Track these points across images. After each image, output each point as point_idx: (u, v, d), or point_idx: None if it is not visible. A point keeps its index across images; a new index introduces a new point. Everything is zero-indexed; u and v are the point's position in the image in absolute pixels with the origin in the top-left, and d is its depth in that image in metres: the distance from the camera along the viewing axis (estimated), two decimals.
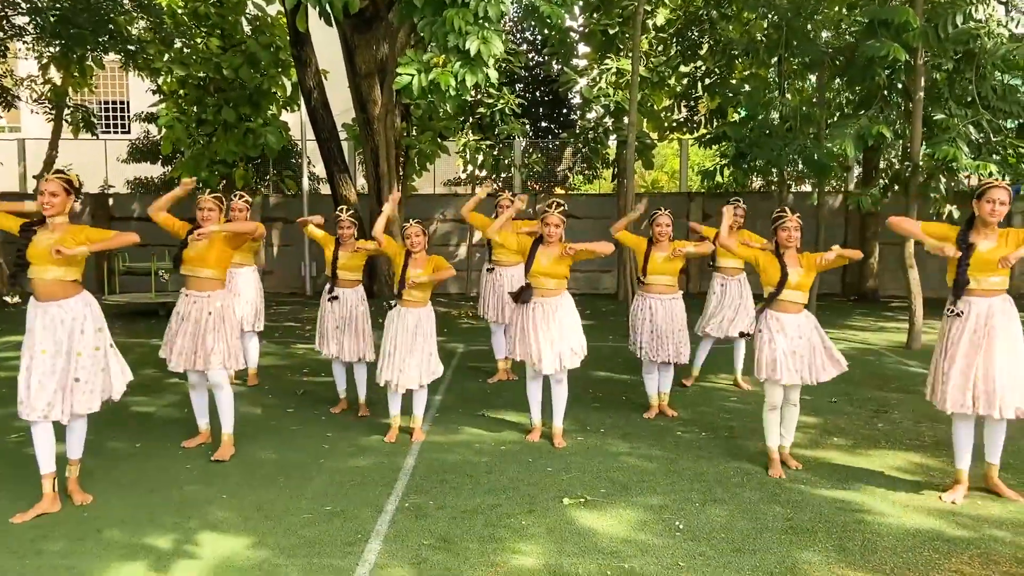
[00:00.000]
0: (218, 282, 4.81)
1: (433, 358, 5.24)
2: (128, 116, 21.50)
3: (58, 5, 9.93)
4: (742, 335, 6.51)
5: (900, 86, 9.60)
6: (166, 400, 6.42)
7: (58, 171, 4.22)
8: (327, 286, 5.92)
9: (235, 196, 6.48)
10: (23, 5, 10.13)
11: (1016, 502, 4.18)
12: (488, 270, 7.11)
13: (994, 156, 8.97)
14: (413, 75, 7.45)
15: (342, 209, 5.96)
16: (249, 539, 3.69)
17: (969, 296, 4.17)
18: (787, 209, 4.71)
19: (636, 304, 5.85)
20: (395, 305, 5.20)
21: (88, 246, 4.00)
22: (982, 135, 8.90)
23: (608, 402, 6.39)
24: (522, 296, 5.13)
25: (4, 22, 11.40)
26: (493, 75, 7.52)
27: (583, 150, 14.51)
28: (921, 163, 8.90)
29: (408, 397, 5.38)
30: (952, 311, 4.18)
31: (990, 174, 8.09)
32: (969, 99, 9.12)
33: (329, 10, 7.68)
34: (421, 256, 5.23)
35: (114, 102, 22.66)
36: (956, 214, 8.94)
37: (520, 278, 6.02)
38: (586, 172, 15.90)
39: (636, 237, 5.89)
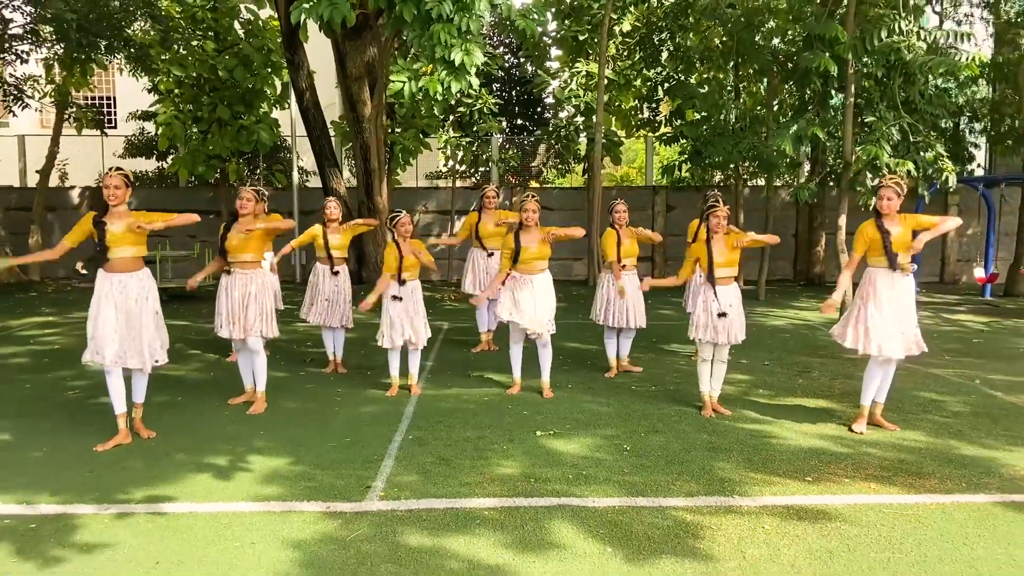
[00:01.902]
0: (257, 264, 5.75)
1: (424, 321, 6.26)
2: (115, 112, 22.15)
3: (76, 14, 10.72)
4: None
5: (834, 92, 10.76)
6: (192, 366, 7.39)
7: (117, 168, 5.07)
8: (316, 266, 6.97)
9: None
10: (48, 14, 10.91)
11: (893, 431, 5.30)
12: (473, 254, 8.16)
13: (922, 154, 10.14)
14: (405, 82, 8.43)
15: (329, 199, 7.11)
16: (289, 459, 4.70)
17: (876, 268, 5.24)
18: (719, 199, 5.77)
19: (601, 278, 6.93)
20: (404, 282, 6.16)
21: (163, 222, 4.90)
22: (914, 136, 10.08)
23: (575, 366, 7.46)
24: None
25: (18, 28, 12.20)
26: (475, 82, 8.52)
27: (556, 146, 15.58)
28: (859, 160, 10.05)
29: (404, 361, 6.40)
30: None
31: (908, 172, 9.27)
32: (899, 103, 10.29)
33: (328, 23, 8.61)
34: (406, 245, 6.17)
35: (102, 98, 23.24)
36: None
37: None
38: (559, 167, 16.98)
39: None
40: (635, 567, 3.31)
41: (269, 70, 14.72)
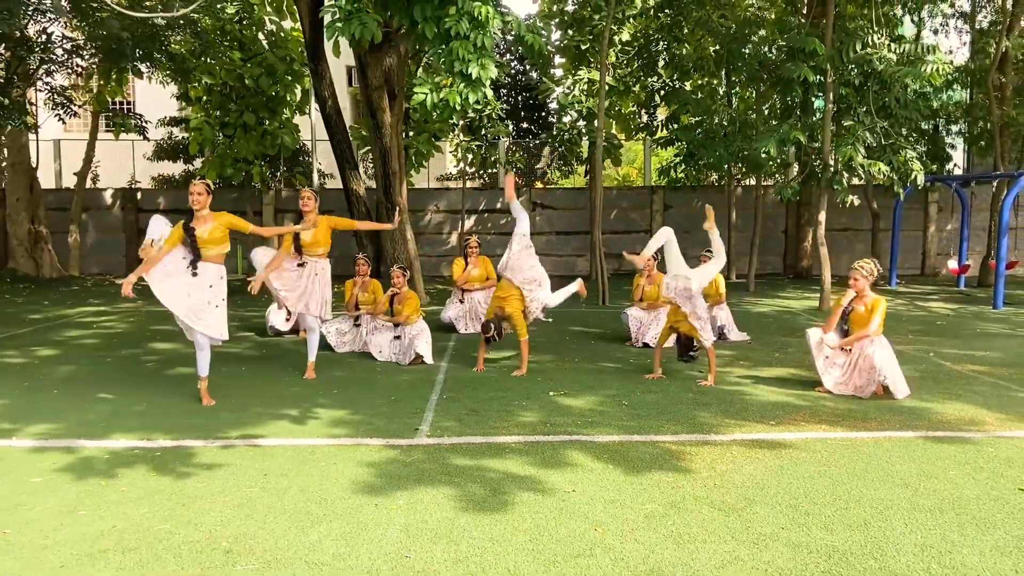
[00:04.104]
0: (325, 256, 6.74)
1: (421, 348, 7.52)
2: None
3: (127, 31, 11.77)
4: None
5: (815, 98, 11.77)
6: (245, 345, 8.44)
7: (201, 177, 6.02)
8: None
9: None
10: (102, 32, 11.96)
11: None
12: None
13: (898, 155, 11.12)
14: (427, 93, 9.44)
15: (359, 256, 8.42)
16: (348, 411, 5.72)
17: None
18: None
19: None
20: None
21: (244, 228, 5.93)
22: (886, 139, 11.09)
23: (580, 345, 8.50)
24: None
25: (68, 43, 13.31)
26: (490, 94, 9.54)
27: (560, 149, 16.62)
28: (836, 162, 11.06)
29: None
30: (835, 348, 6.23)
31: (879, 170, 10.27)
32: (876, 108, 11.29)
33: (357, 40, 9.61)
34: (402, 293, 7.65)
35: (121, 103, 24.24)
36: (857, 202, 11.14)
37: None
38: (562, 168, 18.03)
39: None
40: (630, 477, 4.33)
41: (291, 78, 15.76)
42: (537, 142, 18.40)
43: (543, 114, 18.88)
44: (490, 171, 17.60)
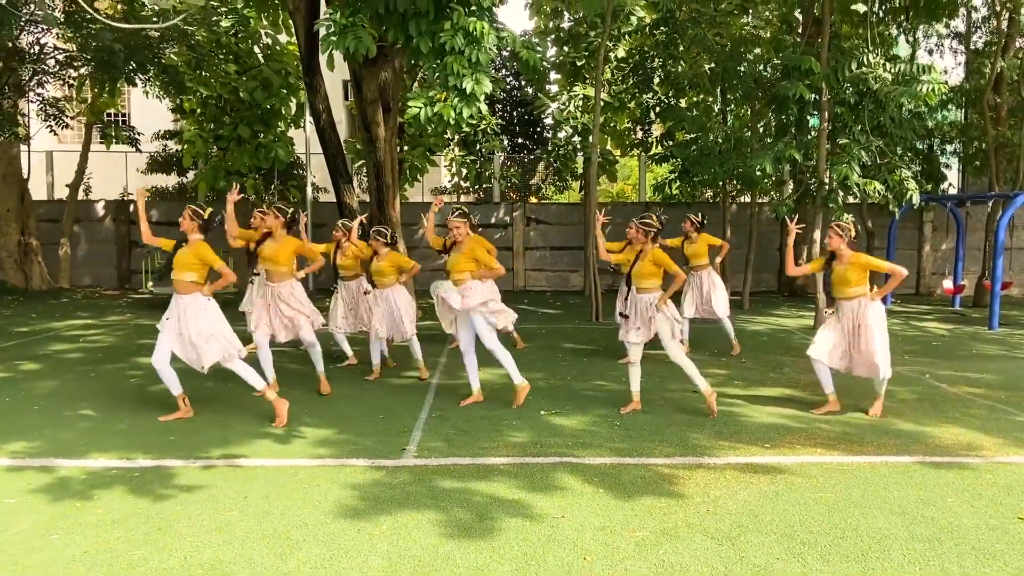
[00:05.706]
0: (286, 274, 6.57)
1: (405, 319, 7.25)
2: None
3: (120, 43, 11.72)
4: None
5: (810, 116, 11.75)
6: None
7: (191, 206, 5.82)
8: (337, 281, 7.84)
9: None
10: (94, 44, 11.90)
11: (872, 416, 6.11)
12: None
13: (893, 174, 11.08)
14: (421, 107, 9.37)
15: (342, 224, 7.96)
16: (334, 430, 5.59)
17: (839, 299, 6.17)
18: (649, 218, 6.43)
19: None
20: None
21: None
22: (882, 158, 11.06)
23: (572, 362, 8.37)
24: None
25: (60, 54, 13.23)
26: (485, 109, 9.47)
27: (554, 164, 16.57)
28: (831, 180, 11.02)
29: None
30: (828, 311, 6.12)
31: (874, 189, 10.23)
32: (870, 127, 11.25)
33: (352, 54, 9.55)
34: (382, 253, 7.24)
35: (115, 115, 24.14)
36: (852, 221, 11.06)
37: None
38: (557, 184, 17.97)
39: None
40: (622, 502, 4.21)
41: (286, 92, 15.69)
42: (532, 157, 18.36)
43: (538, 129, 18.88)
44: (484, 186, 17.54)
